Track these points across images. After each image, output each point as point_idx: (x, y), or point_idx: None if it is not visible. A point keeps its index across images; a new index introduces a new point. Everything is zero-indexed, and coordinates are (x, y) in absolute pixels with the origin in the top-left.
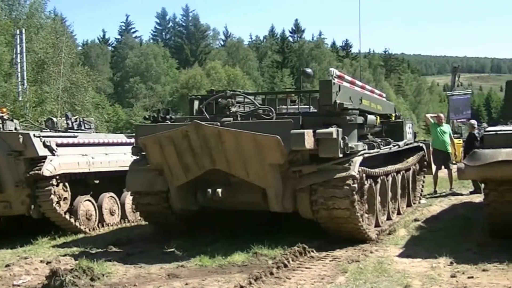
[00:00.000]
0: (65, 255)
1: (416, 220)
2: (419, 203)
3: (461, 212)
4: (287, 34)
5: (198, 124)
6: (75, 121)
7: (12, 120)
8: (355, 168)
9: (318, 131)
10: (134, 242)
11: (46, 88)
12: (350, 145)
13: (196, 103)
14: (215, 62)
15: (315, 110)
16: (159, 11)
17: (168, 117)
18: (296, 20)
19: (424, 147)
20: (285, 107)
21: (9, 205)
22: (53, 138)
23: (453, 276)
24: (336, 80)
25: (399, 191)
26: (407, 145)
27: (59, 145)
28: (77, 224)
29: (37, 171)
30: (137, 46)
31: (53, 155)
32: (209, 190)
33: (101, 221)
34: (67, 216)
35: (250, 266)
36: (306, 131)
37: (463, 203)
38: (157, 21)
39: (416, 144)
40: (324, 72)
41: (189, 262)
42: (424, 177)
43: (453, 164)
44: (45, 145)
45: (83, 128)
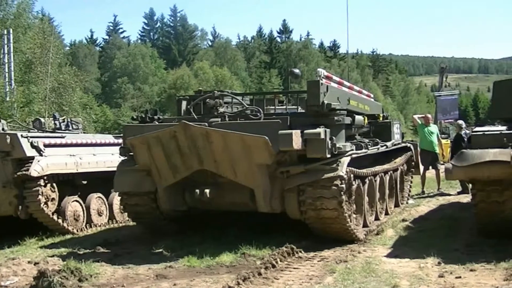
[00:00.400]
0: (53, 255)
1: (404, 221)
2: (407, 203)
3: (448, 212)
4: (275, 34)
5: (186, 124)
6: (63, 122)
7: None
8: (343, 169)
9: (306, 131)
10: (122, 243)
11: (34, 89)
12: (338, 145)
13: (184, 103)
14: (203, 63)
15: (303, 111)
16: (147, 12)
17: (156, 117)
18: (284, 21)
19: (412, 147)
20: (273, 107)
21: None
22: (41, 138)
23: (441, 276)
24: (324, 81)
25: (387, 191)
26: (395, 145)
27: (46, 145)
28: (65, 224)
29: (24, 172)
30: (125, 47)
31: (41, 155)
32: (197, 190)
33: (89, 221)
34: (55, 217)
35: (238, 267)
36: (294, 131)
37: (451, 203)
38: (145, 21)
39: (403, 145)
40: (312, 72)
41: (177, 262)
42: (412, 177)
43: (440, 164)
44: (33, 146)
45: (70, 128)
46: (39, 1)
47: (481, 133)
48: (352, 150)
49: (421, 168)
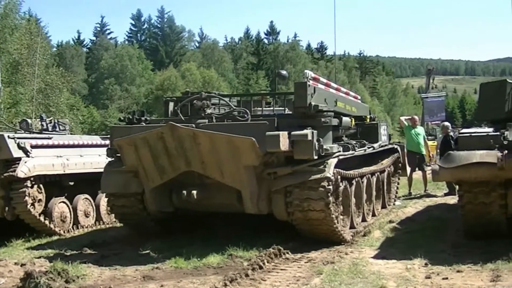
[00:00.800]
0: (39, 257)
1: (391, 222)
2: (394, 204)
3: (435, 213)
4: (262, 36)
5: (173, 125)
6: (50, 123)
7: None
8: (330, 170)
9: (293, 133)
10: (109, 244)
11: (21, 89)
12: (325, 147)
13: (171, 104)
14: (190, 64)
15: (290, 112)
16: (134, 13)
17: (143, 118)
18: (271, 22)
19: (399, 149)
20: (260, 109)
21: None
22: (28, 139)
23: (427, 277)
24: (311, 82)
25: (374, 192)
26: (382, 147)
27: (33, 146)
28: (52, 226)
29: (11, 173)
30: (112, 48)
31: (28, 156)
32: (184, 192)
33: (76, 223)
34: (42, 218)
35: (225, 268)
36: (281, 133)
37: (438, 204)
38: (132, 22)
39: (390, 146)
40: (299, 74)
41: (164, 264)
42: (399, 179)
43: (427, 166)
44: (20, 147)
45: (57, 129)
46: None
47: (467, 134)
48: (339, 151)
49: (408, 169)
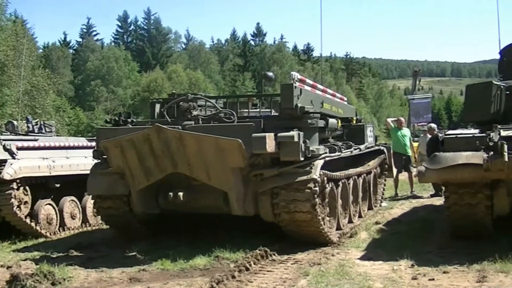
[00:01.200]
0: (25, 259)
1: (377, 223)
2: (380, 206)
3: (422, 214)
4: (249, 37)
5: (160, 127)
6: (36, 125)
7: None
8: (317, 172)
9: (280, 134)
10: (95, 246)
11: (7, 91)
12: (311, 148)
13: (158, 106)
14: (176, 66)
15: (277, 114)
16: (120, 14)
17: (130, 120)
18: (258, 24)
19: (385, 150)
20: (247, 110)
21: None
22: (14, 141)
23: (414, 278)
24: (297, 84)
25: (360, 194)
26: (368, 148)
27: (19, 148)
28: (38, 228)
29: None
30: (98, 49)
31: (14, 158)
32: (171, 193)
33: (62, 225)
34: (28, 220)
35: (212, 270)
36: (267, 134)
37: (424, 205)
38: (118, 24)
39: (377, 148)
40: (285, 75)
41: (151, 266)
42: (385, 180)
43: (413, 167)
44: (5, 149)
45: (44, 131)
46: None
47: (454, 136)
48: (326, 153)
49: (394, 171)
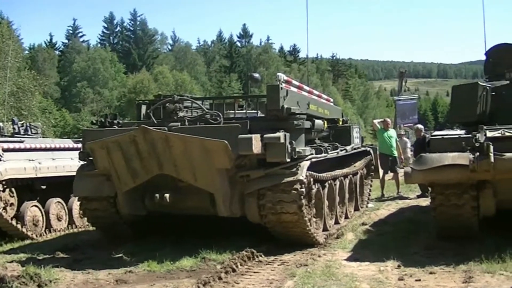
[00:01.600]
0: (11, 261)
1: (363, 224)
2: (366, 207)
3: (408, 215)
4: (235, 39)
5: (146, 129)
6: (22, 126)
7: None
8: (303, 173)
9: (266, 135)
10: (81, 248)
11: None
12: (297, 149)
13: (144, 108)
14: (162, 67)
15: (263, 115)
16: (106, 15)
17: (116, 122)
18: (244, 25)
19: (371, 151)
20: (233, 111)
21: None
22: None
23: (400, 279)
24: (283, 85)
25: (346, 195)
26: (355, 149)
27: (5, 150)
28: (24, 230)
29: None
30: (84, 51)
31: (0, 160)
32: (157, 195)
33: (48, 226)
34: (14, 222)
35: (199, 271)
36: (253, 135)
37: (410, 206)
38: (104, 25)
39: (363, 149)
40: (271, 77)
41: (137, 267)
42: (372, 181)
43: (399, 168)
44: None
45: (29, 133)
46: None
47: (440, 137)
48: (312, 154)
49: (381, 172)
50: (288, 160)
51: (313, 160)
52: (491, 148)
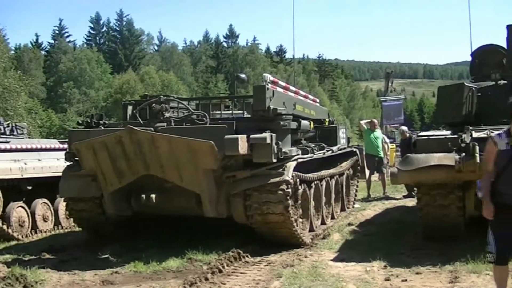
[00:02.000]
0: None
1: (350, 225)
2: (353, 207)
3: (394, 216)
4: (222, 39)
5: (132, 129)
6: (8, 127)
7: None
8: (289, 173)
9: (252, 136)
10: (67, 249)
11: None
12: (284, 150)
13: (130, 108)
14: (149, 67)
15: (249, 115)
16: (93, 16)
17: (102, 122)
18: (231, 26)
19: (358, 152)
20: (219, 112)
21: None
22: None
23: (387, 280)
24: (270, 86)
25: (333, 195)
26: (341, 150)
27: None
28: (10, 231)
29: None
30: (70, 51)
31: None
32: (143, 195)
33: (34, 227)
34: (0, 223)
35: (185, 272)
36: (239, 136)
37: (397, 207)
38: (91, 25)
39: (349, 149)
40: (258, 77)
41: (123, 268)
42: (358, 181)
43: (386, 168)
44: None
45: (15, 133)
46: None
47: (426, 137)
48: (298, 154)
49: (367, 172)
50: (274, 160)
51: (300, 160)
52: (477, 148)
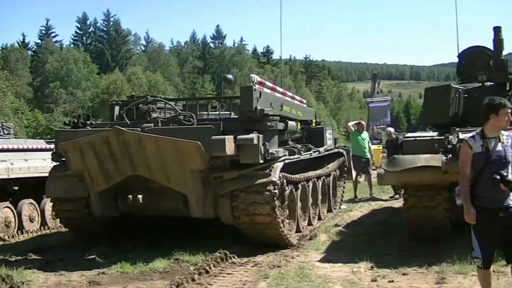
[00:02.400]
0: None
1: (336, 225)
2: (339, 208)
3: (381, 217)
4: (209, 40)
5: (119, 130)
6: None
7: None
8: (276, 174)
9: (239, 137)
10: (54, 249)
11: None
12: (270, 151)
13: (117, 108)
14: (136, 68)
15: (236, 116)
16: (80, 16)
17: (89, 122)
18: (218, 26)
19: (344, 153)
20: (206, 113)
21: None
22: None
23: (373, 280)
24: (257, 87)
25: (319, 196)
26: (328, 151)
27: None
28: None
29: None
30: (57, 51)
31: None
32: (130, 196)
33: (21, 228)
34: None
35: (172, 273)
36: (226, 137)
37: (383, 208)
38: (77, 25)
39: (336, 150)
40: (245, 78)
41: (110, 269)
42: (345, 182)
43: (372, 170)
44: None
45: (2, 133)
46: None
47: (413, 138)
48: (285, 155)
49: (354, 173)
50: (261, 161)
51: (286, 161)
52: None
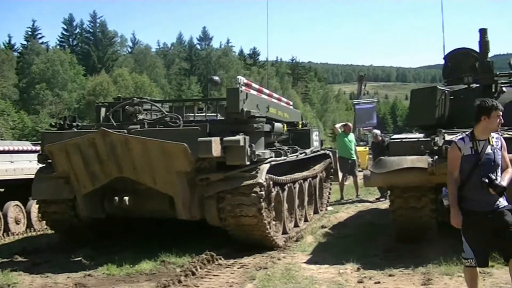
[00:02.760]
0: None
1: (323, 227)
2: (326, 210)
3: (367, 218)
4: (195, 41)
5: (105, 131)
6: None
7: None
8: (262, 176)
9: (225, 138)
10: (40, 251)
11: None
12: (257, 152)
13: (103, 110)
14: (122, 69)
15: (223, 118)
16: (66, 17)
17: (75, 124)
18: (204, 28)
19: (331, 154)
20: (193, 114)
21: None
22: None
23: (360, 282)
24: (243, 88)
25: (306, 198)
26: (314, 152)
27: None
28: None
29: None
30: (43, 52)
31: None
32: (116, 198)
33: (6, 230)
34: None
35: (158, 274)
36: (213, 138)
37: (370, 209)
38: (64, 27)
39: (323, 152)
40: (231, 80)
41: (96, 271)
42: (331, 184)
43: (358, 171)
44: None
45: None
46: None
47: (399, 140)
48: (272, 157)
49: (340, 175)
50: (248, 163)
51: (273, 163)
52: None
